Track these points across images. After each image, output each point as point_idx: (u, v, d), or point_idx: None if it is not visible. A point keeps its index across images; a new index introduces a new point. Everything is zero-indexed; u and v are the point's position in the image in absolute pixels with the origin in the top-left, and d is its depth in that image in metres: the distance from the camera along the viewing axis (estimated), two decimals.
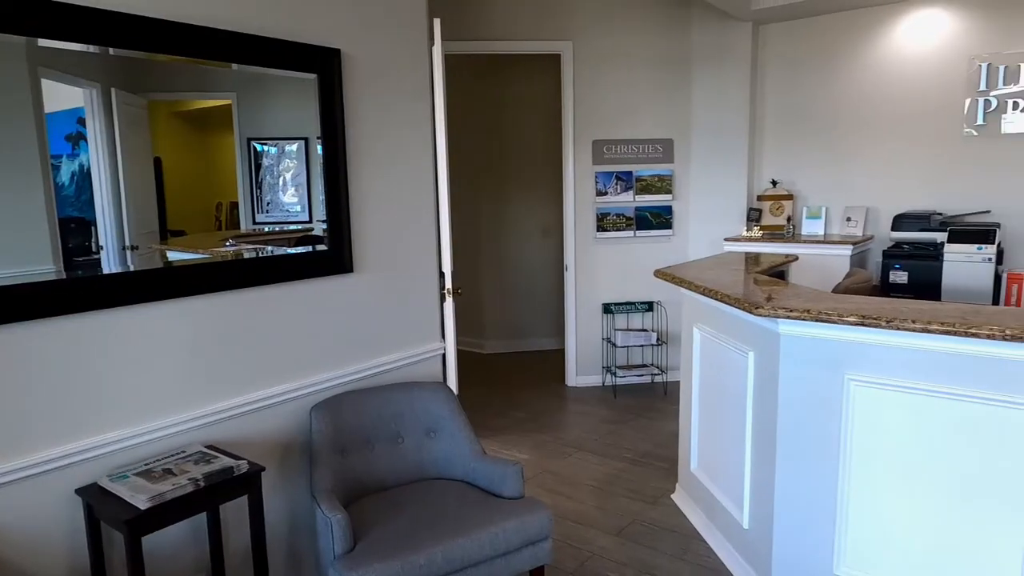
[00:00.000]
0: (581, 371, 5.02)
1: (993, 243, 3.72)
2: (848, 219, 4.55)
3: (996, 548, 1.93)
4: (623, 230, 4.93)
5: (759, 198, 4.89)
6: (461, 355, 5.78)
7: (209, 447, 2.06)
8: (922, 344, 1.97)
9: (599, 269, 4.95)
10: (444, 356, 3.10)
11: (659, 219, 4.97)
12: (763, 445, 2.37)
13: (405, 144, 2.81)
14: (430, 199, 2.95)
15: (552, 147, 5.63)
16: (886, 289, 4.06)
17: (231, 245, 2.28)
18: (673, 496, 3.24)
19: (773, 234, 4.67)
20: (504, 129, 5.83)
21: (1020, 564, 1.90)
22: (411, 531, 2.08)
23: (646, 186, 4.93)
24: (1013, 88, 4.00)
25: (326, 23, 2.46)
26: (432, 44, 3.01)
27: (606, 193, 4.87)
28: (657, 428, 4.15)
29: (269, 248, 2.37)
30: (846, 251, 4.21)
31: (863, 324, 1.99)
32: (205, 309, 2.14)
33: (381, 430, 2.48)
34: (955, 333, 1.85)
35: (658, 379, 5.00)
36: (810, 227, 4.65)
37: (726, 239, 4.65)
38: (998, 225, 3.90)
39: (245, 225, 2.34)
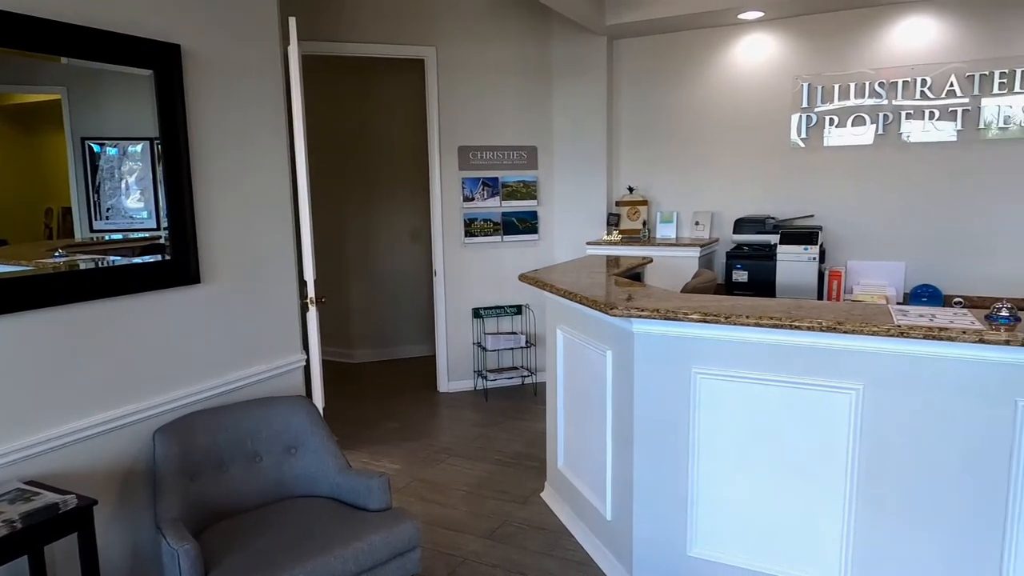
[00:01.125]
0: (453, 376, 5.02)
1: (816, 244, 4.17)
2: (697, 223, 4.91)
3: (820, 516, 2.15)
4: (491, 235, 4.99)
5: (618, 203, 5.15)
6: (328, 366, 5.58)
7: (30, 483, 1.84)
8: (755, 337, 2.16)
9: (468, 274, 4.98)
10: (308, 368, 2.98)
11: (525, 224, 5.09)
12: (622, 439, 2.49)
13: (260, 147, 2.68)
14: (288, 205, 2.83)
15: (420, 151, 5.60)
16: (730, 288, 4.42)
17: (60, 256, 2.05)
18: (543, 495, 3.32)
19: (631, 237, 4.93)
20: (370, 132, 5.72)
21: (839, 529, 2.13)
22: (270, 554, 1.97)
23: (512, 192, 5.03)
24: (831, 106, 4.50)
25: (165, 17, 2.29)
26: (288, 44, 2.89)
27: (473, 199, 4.92)
28: (528, 428, 4.24)
29: (112, 259, 2.17)
30: (695, 253, 4.53)
31: (705, 321, 2.14)
32: (24, 328, 1.92)
33: (236, 450, 2.34)
34: (782, 326, 2.04)
35: (528, 381, 5.12)
36: (664, 231, 4.96)
37: (588, 243, 4.85)
38: (820, 228, 4.37)
39: (81, 233, 2.12)
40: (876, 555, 2.09)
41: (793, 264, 4.20)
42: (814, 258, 4.15)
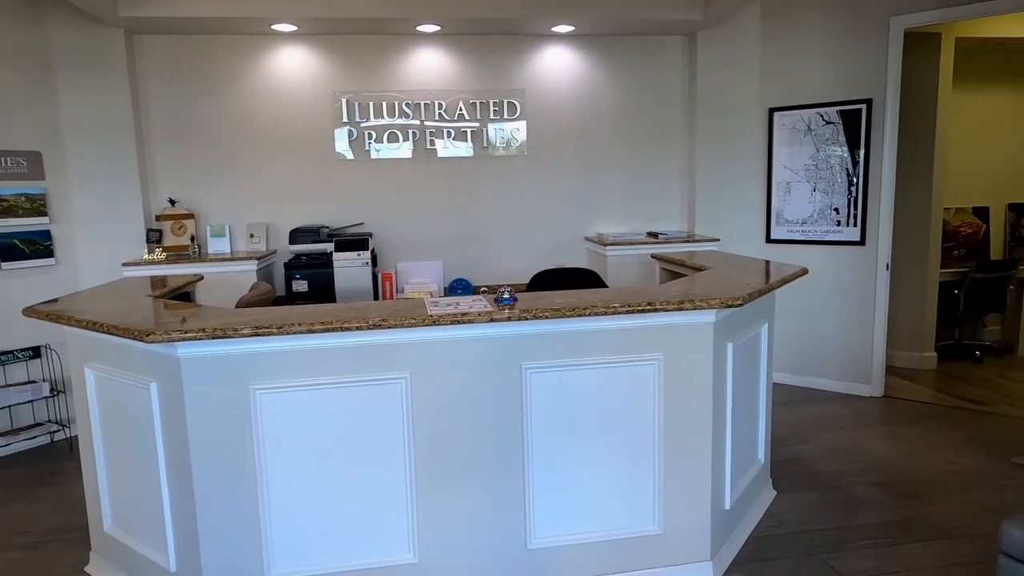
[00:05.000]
0: None
1: (368, 250, 4.46)
2: (252, 235, 4.73)
3: (389, 501, 2.30)
4: None
5: (158, 218, 4.61)
6: None
7: None
8: (312, 344, 2.18)
9: None
10: None
11: (35, 247, 4.15)
12: (179, 477, 2.23)
13: None
14: None
15: None
16: (292, 298, 4.40)
17: None
18: (88, 568, 2.76)
19: (179, 255, 4.48)
20: None
21: (405, 508, 2.31)
22: None
23: (9, 208, 4.03)
24: (370, 122, 4.85)
25: None
26: None
27: None
28: (64, 495, 3.48)
29: None
30: (252, 266, 4.37)
31: (259, 335, 2.06)
32: None
33: None
34: (333, 329, 2.10)
35: (60, 436, 4.20)
36: (216, 245, 4.64)
37: (124, 264, 4.21)
38: (371, 234, 4.69)
39: None
40: (437, 523, 2.34)
41: (349, 270, 4.41)
42: (367, 263, 4.43)
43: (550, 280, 3.66)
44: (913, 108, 5.04)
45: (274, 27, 4.48)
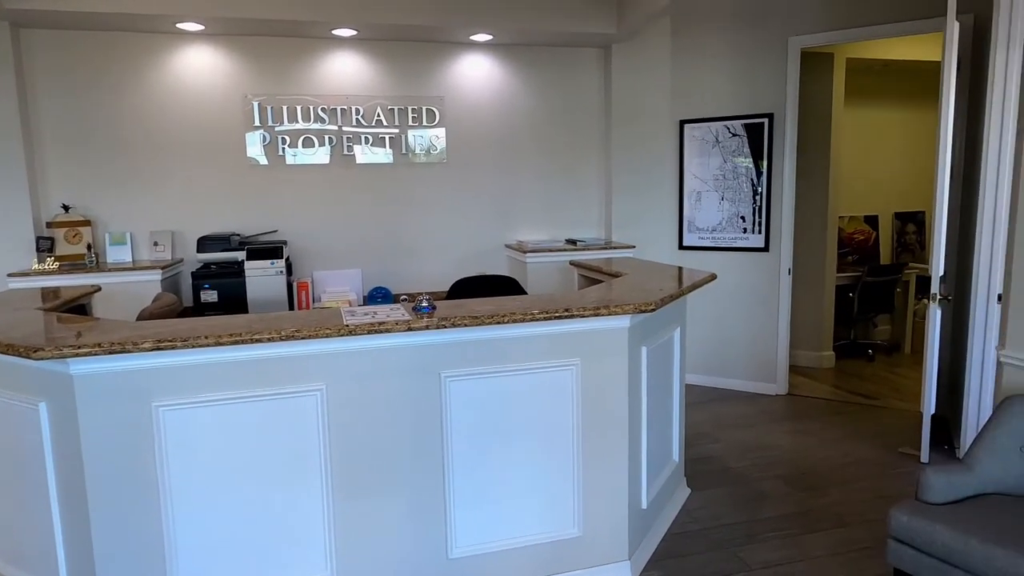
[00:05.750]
0: None
1: (282, 258, 4.32)
2: (156, 244, 4.49)
3: (306, 515, 2.23)
4: None
5: (50, 225, 4.30)
6: None
7: None
8: (220, 357, 2.09)
9: None
10: None
11: None
12: (73, 505, 2.08)
13: None
14: None
15: None
16: (200, 309, 4.20)
17: None
18: None
19: (74, 264, 4.19)
20: None
21: (322, 521, 2.25)
22: None
23: None
24: (284, 126, 4.71)
25: None
26: None
27: None
28: None
29: None
30: (156, 276, 4.14)
31: (161, 348, 1.96)
32: None
33: None
34: (243, 342, 2.02)
35: None
36: (116, 254, 4.37)
37: (10, 275, 3.90)
38: (285, 242, 4.55)
39: None
40: (355, 537, 2.29)
41: (262, 279, 4.26)
42: (281, 271, 4.29)
43: (470, 288, 3.66)
44: (811, 123, 5.38)
45: (179, 26, 4.28)
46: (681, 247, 5.20)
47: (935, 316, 3.58)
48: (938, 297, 3.53)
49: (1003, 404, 2.39)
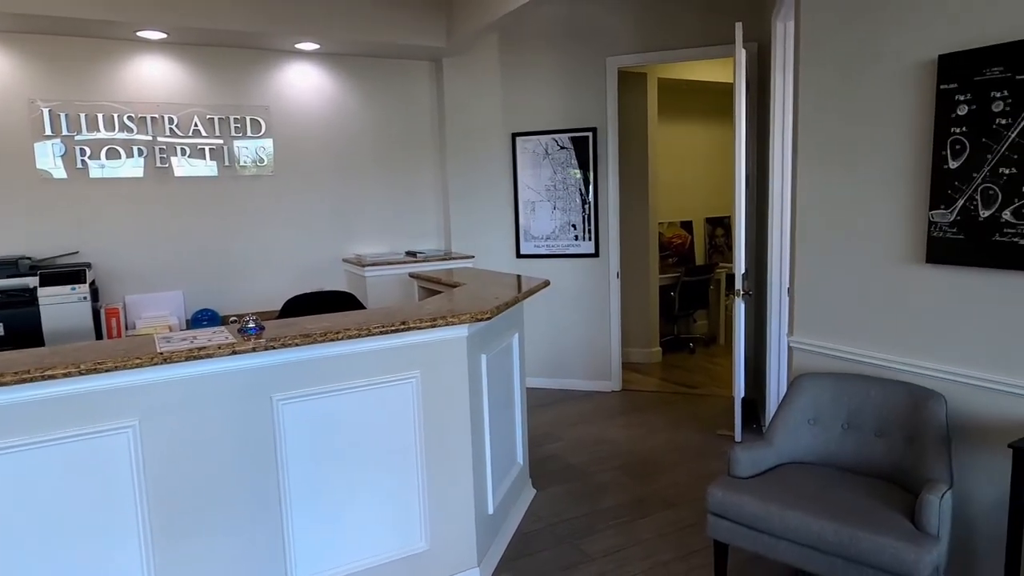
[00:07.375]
0: None
1: (86, 282, 3.86)
2: None
3: (121, 569, 2.00)
4: None
5: None
6: None
7: None
8: (6, 399, 1.82)
9: None
10: None
11: None
12: None
13: None
14: None
15: None
16: None
17: None
18: None
19: None
20: None
21: (140, 570, 2.04)
22: None
23: None
24: (83, 136, 4.22)
25: None
26: None
27: None
28: None
29: None
30: None
31: None
32: None
33: None
34: (33, 379, 1.79)
35: None
36: None
37: None
38: (89, 265, 4.08)
39: None
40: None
41: (61, 307, 3.78)
42: (85, 297, 3.84)
43: (305, 305, 3.51)
44: (631, 137, 5.80)
45: None
46: (519, 255, 5.37)
47: (740, 309, 4.01)
48: (741, 292, 3.96)
49: (793, 384, 2.73)
